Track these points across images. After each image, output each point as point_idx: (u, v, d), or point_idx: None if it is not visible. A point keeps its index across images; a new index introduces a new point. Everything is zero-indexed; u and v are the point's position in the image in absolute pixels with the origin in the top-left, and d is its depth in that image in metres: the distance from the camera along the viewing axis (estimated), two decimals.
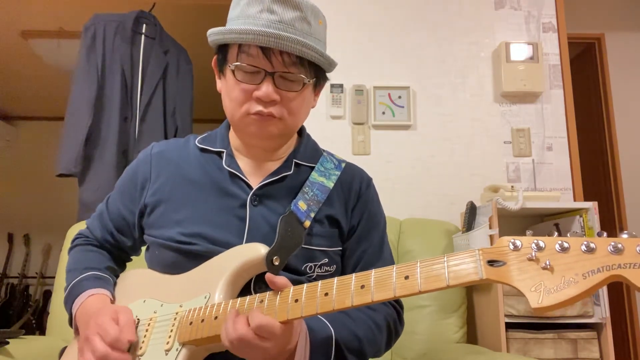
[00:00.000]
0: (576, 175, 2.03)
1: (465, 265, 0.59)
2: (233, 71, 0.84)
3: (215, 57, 0.91)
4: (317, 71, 0.87)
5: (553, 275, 0.54)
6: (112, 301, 0.90)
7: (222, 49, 0.87)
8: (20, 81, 4.15)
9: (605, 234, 0.55)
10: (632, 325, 2.77)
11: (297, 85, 0.84)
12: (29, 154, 4.83)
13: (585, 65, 3.19)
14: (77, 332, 0.88)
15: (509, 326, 1.52)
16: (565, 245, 0.55)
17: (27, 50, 3.52)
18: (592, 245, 0.53)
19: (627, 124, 3.04)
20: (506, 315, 1.51)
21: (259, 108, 0.83)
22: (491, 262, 0.58)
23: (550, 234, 0.58)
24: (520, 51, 2.06)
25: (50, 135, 4.61)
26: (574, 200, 1.99)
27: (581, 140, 2.11)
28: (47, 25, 3.21)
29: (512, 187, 1.71)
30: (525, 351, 1.51)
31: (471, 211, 1.68)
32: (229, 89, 0.86)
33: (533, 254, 0.56)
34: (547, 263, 0.54)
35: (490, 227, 1.57)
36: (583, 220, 1.63)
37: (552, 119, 2.08)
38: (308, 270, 0.86)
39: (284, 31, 0.80)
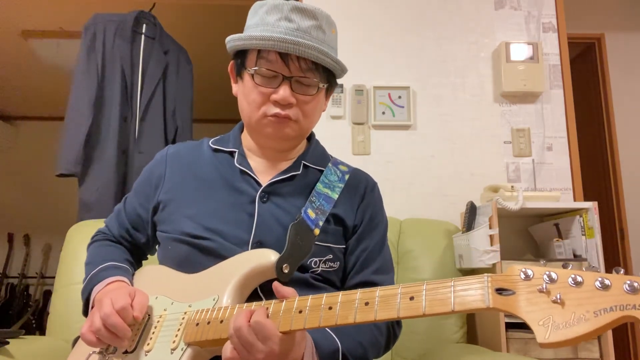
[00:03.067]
0: (576, 175, 2.03)
1: (472, 292, 0.57)
2: (252, 75, 0.88)
3: (232, 62, 0.95)
4: (329, 76, 0.92)
5: (563, 310, 0.51)
6: None
7: (240, 55, 0.92)
8: (20, 81, 4.15)
9: (622, 270, 0.52)
10: (632, 325, 2.77)
11: (312, 89, 0.89)
12: (29, 154, 4.82)
13: (585, 65, 3.19)
14: None
15: (509, 326, 1.52)
16: (579, 279, 0.52)
17: (27, 50, 3.52)
18: (606, 282, 0.51)
19: (627, 124, 3.03)
20: (506, 315, 1.51)
21: (276, 110, 0.88)
22: (499, 290, 0.56)
23: (564, 265, 0.55)
24: (520, 51, 2.06)
25: (50, 135, 4.61)
26: (574, 200, 1.99)
27: (581, 140, 2.11)
28: (47, 25, 3.21)
29: (512, 187, 1.71)
30: (525, 351, 1.51)
31: (471, 211, 1.68)
32: (247, 92, 0.91)
33: (544, 286, 0.53)
34: (558, 297, 0.52)
35: (490, 227, 1.57)
36: (583, 220, 1.63)
37: (552, 119, 2.08)
38: (313, 265, 0.89)
39: (301, 38, 0.85)
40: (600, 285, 0.51)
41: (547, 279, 0.54)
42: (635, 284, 0.49)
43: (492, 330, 1.56)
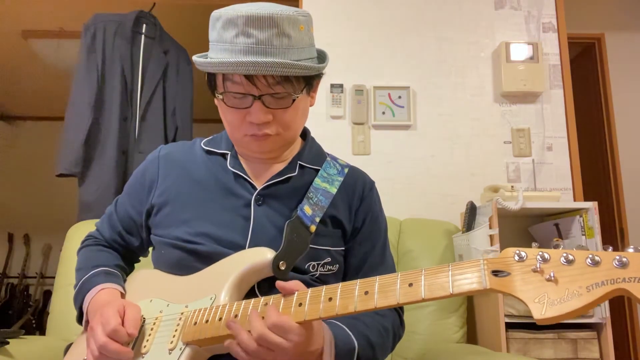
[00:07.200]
0: (576, 175, 2.03)
1: (469, 275, 0.59)
2: (222, 99, 0.85)
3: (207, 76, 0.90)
4: (306, 79, 0.85)
5: (557, 287, 0.53)
6: (123, 296, 0.90)
7: (209, 74, 0.87)
8: (20, 81, 4.14)
9: (610, 248, 0.54)
10: (632, 325, 2.77)
11: (286, 101, 0.84)
12: (29, 154, 4.82)
13: (585, 65, 3.19)
14: (86, 328, 0.88)
15: (509, 326, 1.52)
16: (571, 257, 0.54)
17: (27, 50, 3.52)
18: (597, 258, 0.53)
19: (627, 124, 3.03)
20: (506, 315, 1.51)
21: (254, 131, 0.85)
22: (495, 273, 0.58)
23: (555, 246, 0.58)
24: (520, 51, 2.06)
25: (50, 135, 4.61)
26: (574, 200, 1.99)
27: (581, 140, 2.10)
28: (47, 25, 3.21)
29: (512, 187, 1.71)
30: (525, 351, 1.51)
31: (471, 211, 1.68)
32: (222, 111, 0.88)
33: (538, 266, 0.55)
34: (552, 275, 0.54)
35: (490, 227, 1.57)
36: (583, 220, 1.63)
37: (552, 119, 2.08)
38: (311, 269, 0.87)
39: (262, 54, 0.79)
40: (591, 262, 0.53)
41: (540, 259, 0.56)
42: (624, 259, 0.52)
43: (492, 330, 1.56)
